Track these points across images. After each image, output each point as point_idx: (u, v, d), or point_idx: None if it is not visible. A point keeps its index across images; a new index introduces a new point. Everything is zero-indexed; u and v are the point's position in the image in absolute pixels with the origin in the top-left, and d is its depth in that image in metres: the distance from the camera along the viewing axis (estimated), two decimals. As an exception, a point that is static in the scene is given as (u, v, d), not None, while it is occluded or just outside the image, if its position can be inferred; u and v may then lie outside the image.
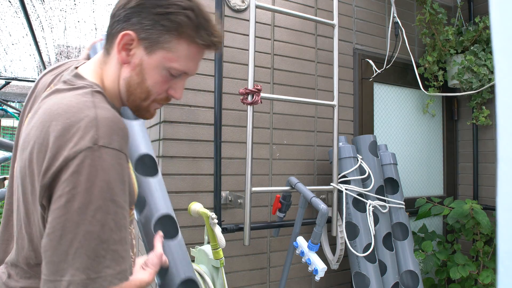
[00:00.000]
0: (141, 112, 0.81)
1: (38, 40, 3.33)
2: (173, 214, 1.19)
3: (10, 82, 4.87)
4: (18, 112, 6.02)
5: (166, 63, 0.74)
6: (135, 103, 0.78)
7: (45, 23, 3.10)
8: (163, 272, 1.09)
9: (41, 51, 3.69)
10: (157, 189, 1.16)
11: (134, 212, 1.00)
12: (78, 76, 0.75)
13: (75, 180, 0.60)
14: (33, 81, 4.90)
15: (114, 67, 0.76)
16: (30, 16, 2.82)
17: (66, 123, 0.63)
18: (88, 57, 1.09)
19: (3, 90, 5.40)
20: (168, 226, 1.16)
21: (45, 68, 4.21)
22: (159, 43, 0.73)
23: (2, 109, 5.16)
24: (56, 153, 0.61)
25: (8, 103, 6.09)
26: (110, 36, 0.76)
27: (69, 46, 3.54)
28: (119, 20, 0.74)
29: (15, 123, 9.11)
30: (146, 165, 1.18)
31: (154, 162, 1.21)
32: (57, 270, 0.59)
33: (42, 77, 0.86)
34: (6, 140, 2.07)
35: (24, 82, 5.00)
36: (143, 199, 1.14)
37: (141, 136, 1.20)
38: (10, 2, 2.73)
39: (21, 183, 0.69)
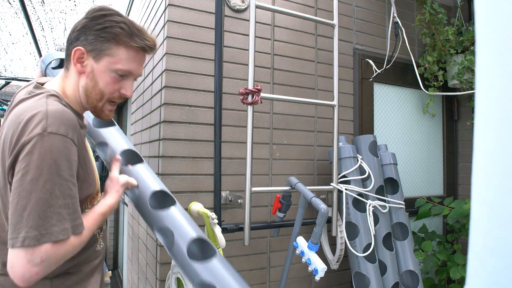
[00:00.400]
0: (98, 112, 1.00)
1: (38, 38, 3.33)
2: (165, 189, 1.19)
3: (10, 82, 4.87)
4: (18, 112, 6.01)
5: (111, 66, 0.95)
6: (92, 104, 0.98)
7: (45, 24, 3.10)
8: (168, 244, 1.07)
9: (41, 50, 3.68)
10: (144, 173, 1.21)
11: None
12: (37, 87, 0.94)
13: (29, 158, 0.78)
14: (33, 81, 4.91)
15: (73, 78, 0.97)
16: (30, 17, 2.82)
17: (24, 118, 0.81)
18: (41, 72, 1.42)
19: (3, 90, 5.40)
20: (162, 199, 1.18)
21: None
22: (103, 51, 0.93)
23: (2, 109, 5.16)
24: (17, 140, 0.80)
25: (8, 103, 6.09)
26: (67, 56, 0.97)
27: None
28: (72, 42, 0.96)
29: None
30: (130, 157, 1.28)
31: (135, 154, 1.29)
32: (15, 229, 0.76)
33: (17, 93, 1.03)
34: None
35: (24, 82, 5.00)
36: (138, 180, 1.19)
37: (120, 136, 1.33)
38: (10, 3, 2.73)
39: None
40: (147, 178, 1.19)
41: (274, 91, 1.92)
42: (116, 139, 1.30)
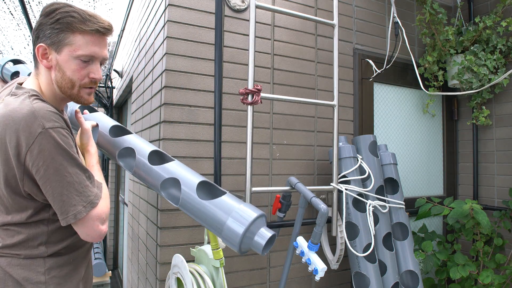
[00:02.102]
0: (76, 98, 1.06)
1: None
2: (156, 148, 1.35)
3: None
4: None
5: (72, 54, 1.00)
6: (67, 93, 1.04)
7: None
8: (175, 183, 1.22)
9: None
10: (136, 140, 1.35)
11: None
12: (18, 88, 1.02)
13: (43, 156, 0.90)
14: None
15: (45, 75, 1.04)
16: (32, 24, 2.82)
17: (14, 121, 0.90)
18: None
19: None
20: (158, 157, 1.34)
21: None
22: (61, 41, 0.99)
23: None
24: (16, 145, 0.90)
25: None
26: (34, 55, 1.04)
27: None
28: (34, 41, 1.03)
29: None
30: (117, 131, 1.40)
31: (121, 128, 1.41)
32: (62, 212, 0.95)
33: (3, 91, 1.11)
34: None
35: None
36: (131, 150, 1.32)
37: (107, 117, 1.46)
38: (12, 14, 2.73)
39: None
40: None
41: (274, 91, 1.92)
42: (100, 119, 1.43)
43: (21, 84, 1.07)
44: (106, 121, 1.39)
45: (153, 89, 1.90)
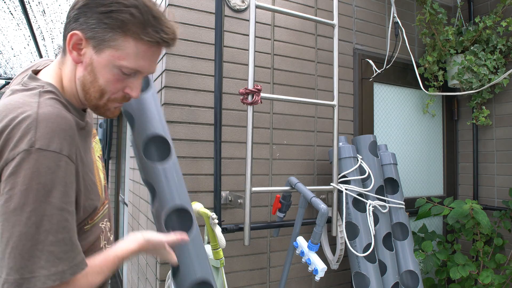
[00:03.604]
0: (101, 110, 0.82)
1: (39, 45, 3.33)
2: (186, 204, 1.06)
3: (10, 82, 4.87)
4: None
5: (115, 62, 0.76)
6: (91, 102, 0.80)
7: (46, 34, 3.11)
8: (174, 271, 1.02)
9: (42, 57, 3.70)
10: (166, 177, 1.05)
11: (107, 205, 0.93)
12: (32, 78, 0.78)
13: (13, 181, 0.63)
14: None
15: (70, 67, 0.79)
16: (32, 25, 2.83)
17: (7, 123, 0.66)
18: None
19: (3, 90, 5.40)
20: (181, 219, 1.06)
21: None
22: (106, 41, 0.74)
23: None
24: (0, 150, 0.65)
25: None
26: (64, 38, 0.78)
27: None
28: (70, 21, 0.77)
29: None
30: (154, 149, 1.08)
31: (165, 144, 1.09)
32: (9, 269, 0.62)
33: (16, 78, 0.89)
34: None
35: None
36: (152, 189, 1.06)
37: (155, 112, 1.09)
38: (12, 14, 2.73)
39: None
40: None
41: (274, 91, 1.92)
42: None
43: (37, 72, 0.82)
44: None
45: (153, 89, 1.90)
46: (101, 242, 0.88)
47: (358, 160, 1.89)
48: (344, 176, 1.84)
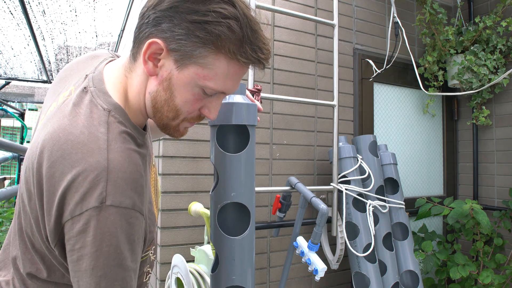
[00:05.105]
0: (169, 131, 0.71)
1: (39, 44, 3.34)
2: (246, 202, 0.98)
3: (10, 82, 4.87)
4: (18, 112, 6.01)
5: (199, 81, 0.63)
6: (162, 121, 0.68)
7: (46, 34, 3.11)
8: (214, 267, 0.95)
9: (42, 57, 3.70)
10: (231, 168, 0.96)
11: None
12: (101, 90, 0.65)
13: (82, 240, 0.56)
14: (33, 82, 4.90)
15: (140, 77, 0.66)
16: (32, 25, 2.83)
17: (70, 164, 0.56)
18: None
19: (3, 90, 5.40)
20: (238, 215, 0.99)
21: (45, 70, 4.21)
22: (193, 57, 0.61)
23: (2, 109, 5.15)
24: (61, 201, 0.57)
25: (8, 103, 6.09)
26: (137, 40, 0.65)
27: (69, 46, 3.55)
28: (148, 23, 0.63)
29: (15, 123, 9.11)
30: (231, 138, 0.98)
31: (243, 136, 1.00)
32: None
33: (80, 61, 0.77)
34: (6, 140, 2.07)
35: (25, 82, 5.00)
36: (216, 174, 0.97)
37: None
38: (12, 14, 2.73)
39: (21, 193, 0.67)
40: None
41: (274, 91, 1.92)
42: None
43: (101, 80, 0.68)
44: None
45: (153, 89, 1.90)
46: (145, 267, 0.81)
47: (358, 160, 1.89)
48: (344, 176, 1.84)
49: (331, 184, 1.77)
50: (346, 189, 1.80)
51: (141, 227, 0.62)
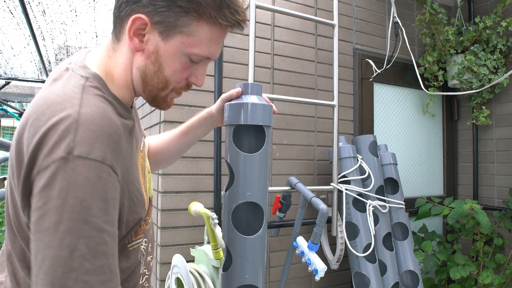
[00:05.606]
0: (158, 102, 0.73)
1: (39, 44, 3.34)
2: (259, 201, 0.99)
3: (10, 82, 4.87)
4: (18, 112, 6.01)
5: (185, 49, 0.66)
6: (152, 93, 0.71)
7: (46, 34, 3.11)
8: (225, 266, 0.94)
9: (42, 57, 3.70)
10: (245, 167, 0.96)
11: (150, 222, 0.81)
12: (83, 66, 0.66)
13: (47, 195, 0.52)
14: (33, 82, 4.90)
15: (125, 54, 0.68)
16: (32, 25, 2.83)
17: (43, 122, 0.55)
18: None
19: (3, 90, 5.40)
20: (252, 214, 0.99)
21: (45, 70, 4.22)
22: (177, 27, 0.64)
23: (2, 109, 5.15)
24: (31, 158, 0.54)
25: (8, 103, 6.09)
26: (119, 20, 0.67)
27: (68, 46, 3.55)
28: (128, 2, 0.64)
29: (15, 123, 9.12)
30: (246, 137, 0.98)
31: (260, 135, 0.99)
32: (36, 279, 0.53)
33: (69, 58, 0.79)
34: (6, 140, 2.07)
35: (24, 82, 5.00)
36: (231, 173, 0.97)
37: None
38: (12, 13, 2.73)
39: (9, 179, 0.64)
40: None
41: (274, 91, 1.92)
42: None
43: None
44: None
45: (153, 89, 1.90)
46: (141, 268, 0.75)
47: (358, 160, 1.89)
48: (344, 176, 1.84)
49: (331, 184, 1.77)
50: (346, 189, 1.80)
51: (115, 186, 0.58)
